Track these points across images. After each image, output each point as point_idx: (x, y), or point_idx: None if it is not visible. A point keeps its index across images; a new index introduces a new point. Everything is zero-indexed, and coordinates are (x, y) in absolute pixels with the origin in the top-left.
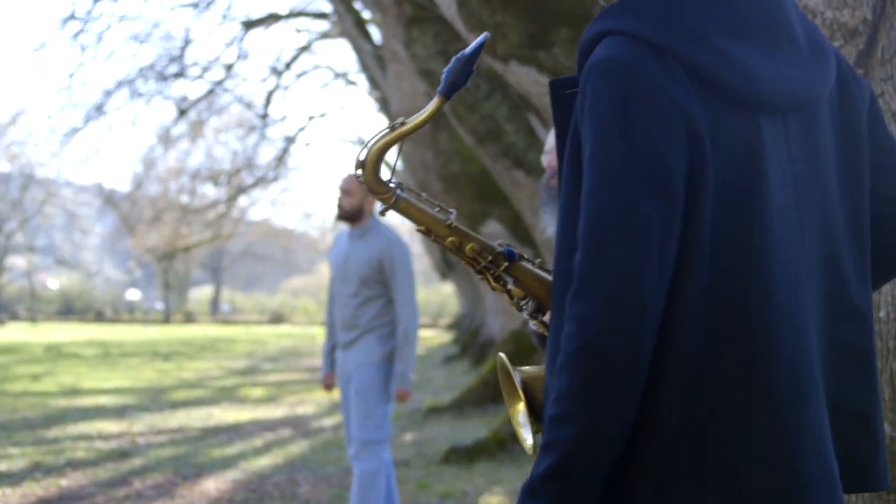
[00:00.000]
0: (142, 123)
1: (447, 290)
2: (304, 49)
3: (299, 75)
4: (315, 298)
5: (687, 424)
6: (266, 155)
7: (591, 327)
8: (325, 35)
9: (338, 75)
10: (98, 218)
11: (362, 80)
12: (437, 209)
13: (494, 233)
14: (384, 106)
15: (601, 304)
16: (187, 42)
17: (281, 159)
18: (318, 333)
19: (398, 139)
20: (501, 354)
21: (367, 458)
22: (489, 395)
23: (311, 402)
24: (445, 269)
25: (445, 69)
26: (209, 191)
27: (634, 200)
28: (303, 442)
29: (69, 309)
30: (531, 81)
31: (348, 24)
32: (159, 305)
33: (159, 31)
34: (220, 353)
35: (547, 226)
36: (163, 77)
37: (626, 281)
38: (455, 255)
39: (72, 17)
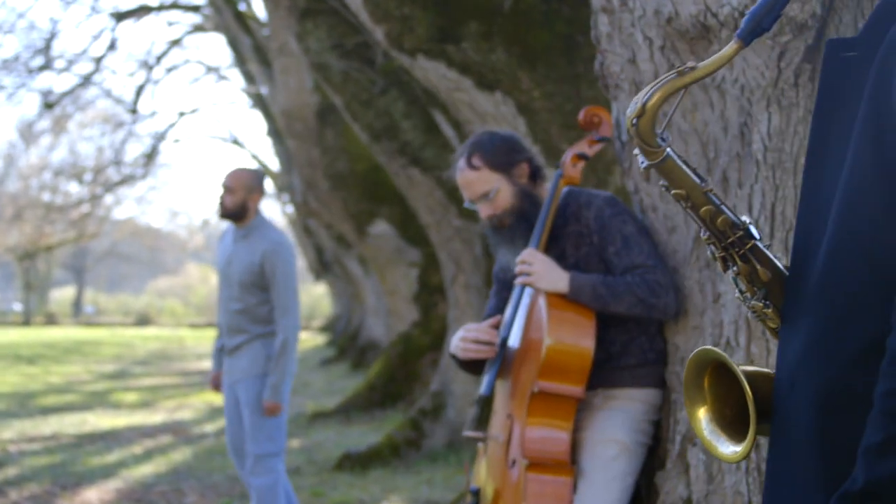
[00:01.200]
0: (1, 118)
1: (319, 290)
2: (176, 43)
3: (170, 70)
4: (182, 300)
5: None
6: (134, 152)
7: None
8: (197, 28)
9: (210, 70)
10: None
11: (236, 76)
12: (694, 173)
13: (382, 233)
14: (259, 102)
15: None
16: (53, 34)
17: (149, 156)
18: (187, 336)
19: (686, 85)
20: (712, 348)
21: (263, 473)
22: (376, 399)
23: (190, 408)
24: (320, 270)
25: (750, 11)
26: (73, 188)
27: None
28: (185, 449)
29: None
30: (439, 76)
31: (226, 17)
32: (17, 306)
33: (23, 21)
34: (86, 356)
35: (508, 263)
36: (28, 70)
37: None
38: (704, 226)
39: None
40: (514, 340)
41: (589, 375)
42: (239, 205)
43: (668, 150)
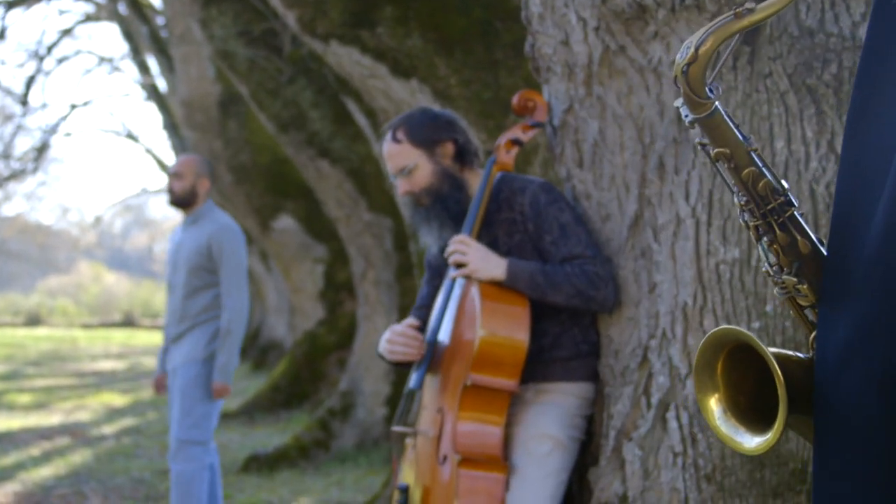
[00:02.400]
0: None
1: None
2: (68, 32)
3: (61, 60)
4: (74, 299)
5: None
6: (23, 145)
7: None
8: (90, 17)
9: (103, 60)
10: None
11: (130, 67)
12: (738, 130)
13: (287, 228)
14: (154, 94)
15: None
16: None
17: (40, 150)
18: (80, 336)
19: (743, 29)
20: (734, 328)
21: (183, 460)
22: (281, 399)
23: (87, 409)
24: None
25: None
26: None
27: None
28: (85, 451)
29: None
30: (353, 63)
31: (122, 5)
32: None
33: None
34: None
35: (430, 244)
36: None
37: None
38: (744, 190)
39: None
40: (445, 332)
41: (523, 369)
42: (188, 191)
43: (717, 103)
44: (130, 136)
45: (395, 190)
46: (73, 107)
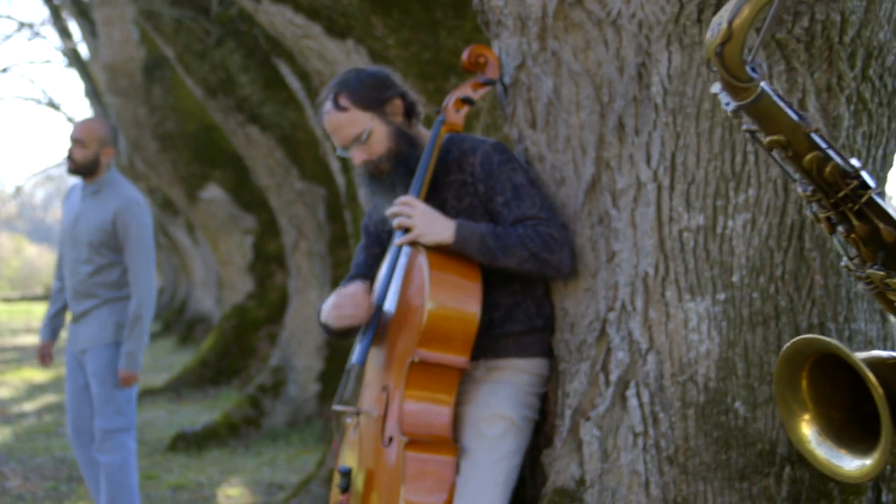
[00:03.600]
0: None
1: None
2: None
3: None
4: None
5: None
6: None
7: None
8: None
9: (23, 26)
10: None
11: (51, 33)
12: (791, 110)
13: (215, 198)
14: (75, 60)
15: None
16: None
17: None
18: (0, 310)
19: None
20: (814, 336)
21: (112, 449)
22: (209, 375)
23: (7, 385)
24: None
25: None
26: None
27: None
28: (4, 429)
29: None
30: (285, 22)
31: None
32: None
33: None
34: None
35: (385, 215)
36: None
37: None
38: (808, 179)
39: None
40: (390, 304)
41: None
42: (90, 159)
43: (763, 84)
44: (52, 104)
45: (329, 157)
46: None
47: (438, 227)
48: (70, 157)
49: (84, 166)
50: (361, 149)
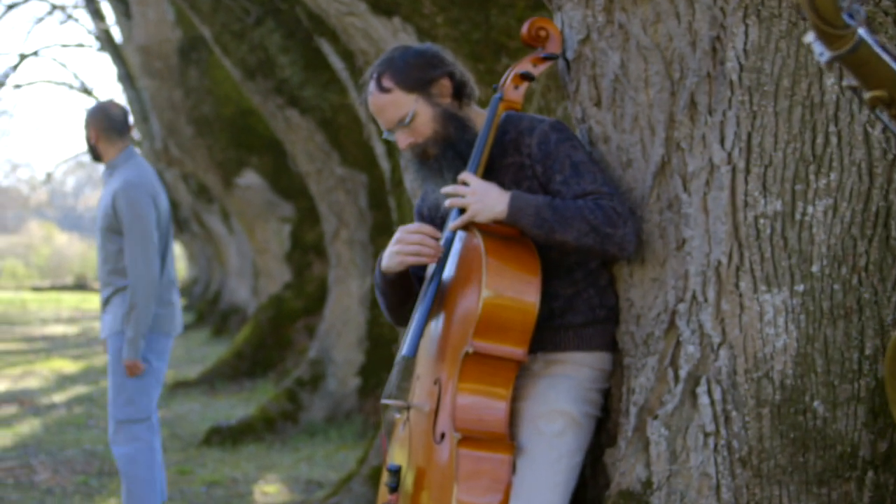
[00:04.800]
0: None
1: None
2: None
3: (11, 7)
4: (24, 260)
5: None
6: None
7: None
8: None
9: (55, 8)
10: None
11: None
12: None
13: (251, 185)
14: (108, 43)
15: None
16: None
17: None
18: (30, 299)
19: None
20: None
21: (123, 441)
22: (244, 368)
23: (36, 375)
24: (176, 230)
25: None
26: None
27: None
28: (33, 421)
29: None
30: None
31: None
32: None
33: None
34: None
35: (437, 200)
36: None
37: None
38: None
39: None
40: (442, 291)
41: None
42: (90, 144)
43: (861, 30)
44: (85, 89)
45: (373, 141)
46: (23, 57)
47: (491, 201)
48: (87, 142)
49: (91, 152)
50: (406, 132)
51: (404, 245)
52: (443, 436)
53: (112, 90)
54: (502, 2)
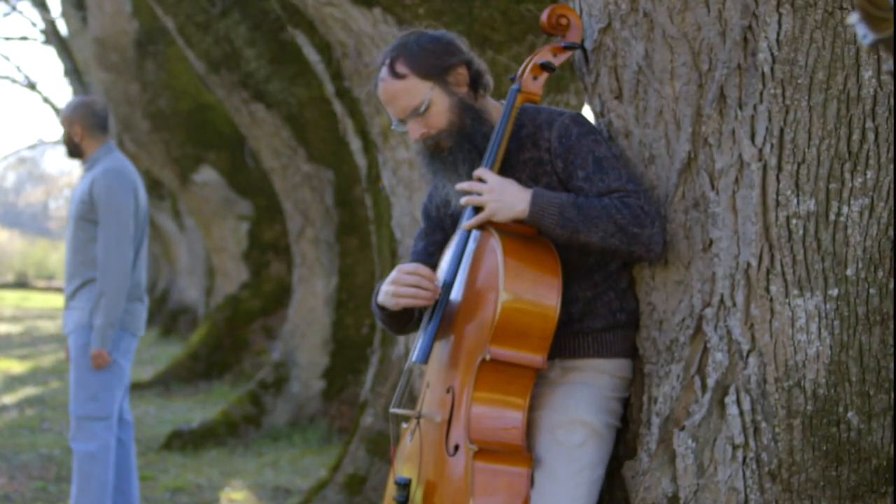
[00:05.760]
0: None
1: None
2: None
3: None
4: None
5: None
6: None
7: None
8: None
9: None
10: None
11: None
12: None
13: (209, 182)
14: (55, 36)
15: None
16: None
17: None
18: None
19: None
20: None
21: (84, 439)
22: (200, 370)
23: None
24: None
25: None
26: None
27: None
28: None
29: None
30: None
31: None
32: None
33: None
34: None
35: (447, 196)
36: None
37: None
38: None
39: None
40: (456, 295)
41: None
42: (68, 140)
43: None
44: (30, 83)
45: (348, 137)
46: None
47: (511, 199)
48: (65, 140)
49: (70, 149)
50: (419, 121)
51: (400, 287)
52: (456, 448)
53: (57, 85)
54: None
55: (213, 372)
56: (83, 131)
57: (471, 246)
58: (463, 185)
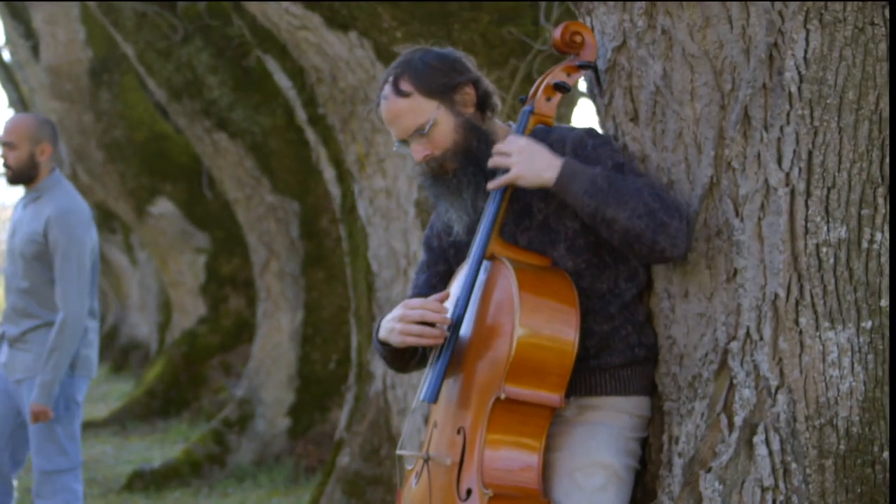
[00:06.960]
0: None
1: None
2: None
3: None
4: None
5: None
6: None
7: None
8: None
9: None
10: None
11: None
12: None
13: (165, 213)
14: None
15: None
16: None
17: None
18: None
19: None
20: None
21: (53, 493)
22: (156, 407)
23: None
24: None
25: None
26: None
27: None
28: None
29: None
30: (280, 12)
31: None
32: None
33: None
34: None
35: (449, 222)
36: None
37: None
38: None
39: None
40: (466, 329)
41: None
42: (25, 161)
43: None
44: None
45: (321, 165)
46: None
47: (540, 164)
48: (5, 164)
49: (21, 171)
50: (423, 142)
51: (406, 324)
52: (469, 492)
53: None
54: (465, 16)
55: (170, 409)
56: (48, 150)
57: (481, 277)
58: (498, 147)
